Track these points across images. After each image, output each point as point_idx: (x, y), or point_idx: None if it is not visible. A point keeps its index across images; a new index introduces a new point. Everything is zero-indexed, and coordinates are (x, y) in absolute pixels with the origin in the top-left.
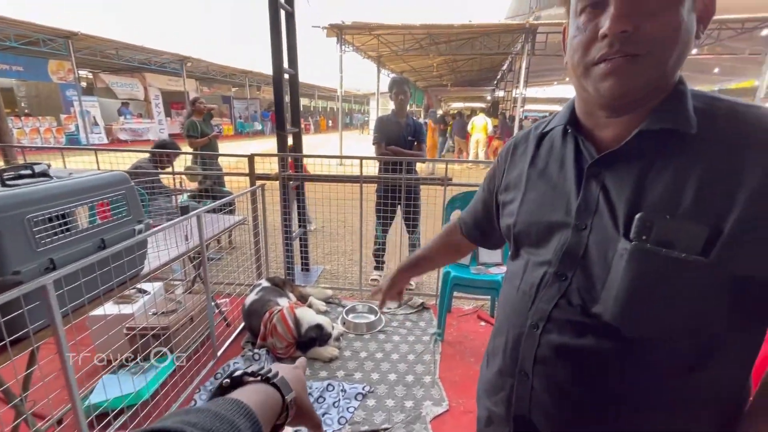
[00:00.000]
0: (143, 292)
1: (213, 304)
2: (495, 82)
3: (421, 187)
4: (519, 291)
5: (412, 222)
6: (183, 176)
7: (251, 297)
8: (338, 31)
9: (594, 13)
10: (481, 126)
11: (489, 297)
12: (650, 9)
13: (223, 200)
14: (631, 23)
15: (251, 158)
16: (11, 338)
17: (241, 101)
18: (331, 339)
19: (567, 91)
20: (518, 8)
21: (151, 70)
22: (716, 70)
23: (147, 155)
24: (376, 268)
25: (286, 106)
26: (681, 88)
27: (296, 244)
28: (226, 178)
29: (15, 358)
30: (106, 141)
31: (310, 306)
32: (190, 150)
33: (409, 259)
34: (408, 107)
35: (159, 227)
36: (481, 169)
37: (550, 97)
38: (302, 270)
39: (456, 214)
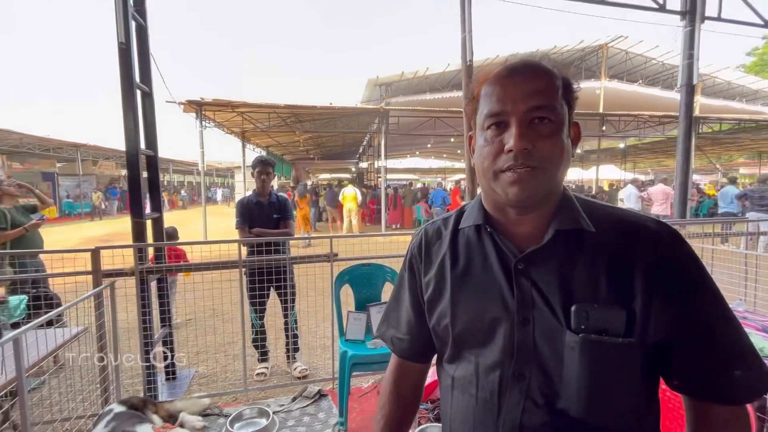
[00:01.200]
0: None
1: None
2: (358, 155)
3: (300, 264)
4: (478, 400)
5: (290, 303)
6: None
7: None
8: (197, 107)
9: (498, 130)
10: (351, 196)
11: None
12: (542, 134)
13: (57, 310)
14: (530, 143)
15: (96, 252)
16: None
17: (70, 178)
18: None
19: (418, 162)
20: (371, 95)
21: None
22: None
23: None
24: (261, 360)
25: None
26: (567, 194)
27: (158, 348)
28: (58, 279)
29: None
30: None
31: (182, 425)
32: None
33: None
34: (275, 181)
35: None
36: (360, 241)
37: (405, 167)
38: (168, 379)
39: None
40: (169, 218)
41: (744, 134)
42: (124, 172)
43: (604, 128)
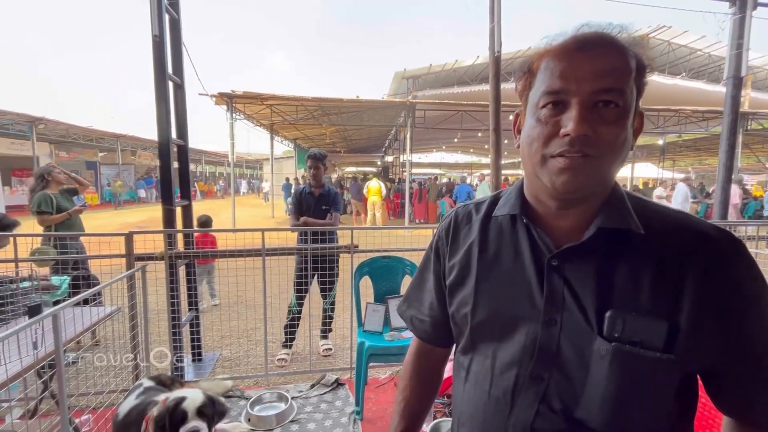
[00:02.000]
0: None
1: (71, 428)
2: (383, 149)
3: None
4: (491, 397)
5: (328, 287)
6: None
7: (128, 403)
8: (228, 99)
9: (555, 110)
10: (375, 189)
11: None
12: (605, 119)
13: (93, 290)
14: (591, 128)
15: (129, 237)
16: None
17: (111, 167)
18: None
19: (444, 156)
20: (398, 88)
21: None
22: None
23: None
24: (285, 345)
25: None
26: (619, 189)
27: (185, 330)
28: (94, 261)
29: None
30: None
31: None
32: (40, 229)
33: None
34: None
35: None
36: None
37: (431, 162)
38: (193, 360)
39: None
40: (204, 207)
41: None
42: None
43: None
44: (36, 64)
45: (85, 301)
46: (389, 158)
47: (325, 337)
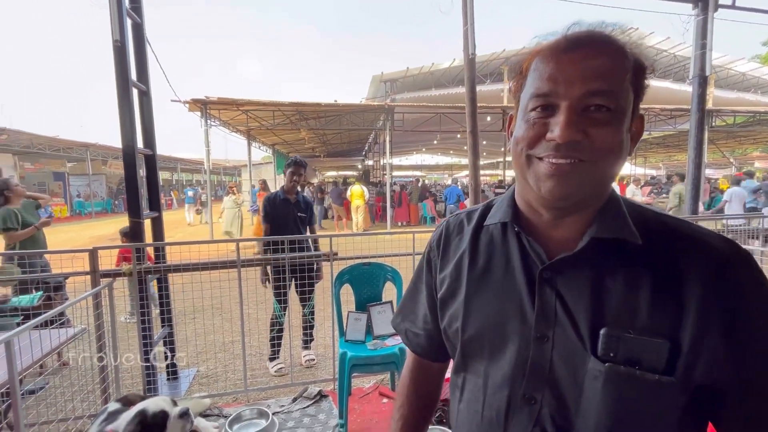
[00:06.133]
0: None
1: None
2: (363, 152)
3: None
4: (483, 418)
5: (307, 294)
6: None
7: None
8: (202, 106)
9: (544, 113)
10: (358, 193)
11: (389, 371)
12: (598, 121)
13: (54, 310)
14: (580, 132)
15: (93, 253)
16: None
17: (81, 177)
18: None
19: (424, 159)
20: (376, 92)
21: None
22: None
23: None
24: (272, 358)
25: (141, 188)
26: (615, 196)
27: (158, 347)
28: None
29: None
30: None
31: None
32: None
33: None
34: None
35: None
36: (362, 240)
37: (411, 164)
38: (168, 379)
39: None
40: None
41: (759, 127)
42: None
43: None
44: None
45: (51, 322)
46: (370, 162)
47: (307, 348)
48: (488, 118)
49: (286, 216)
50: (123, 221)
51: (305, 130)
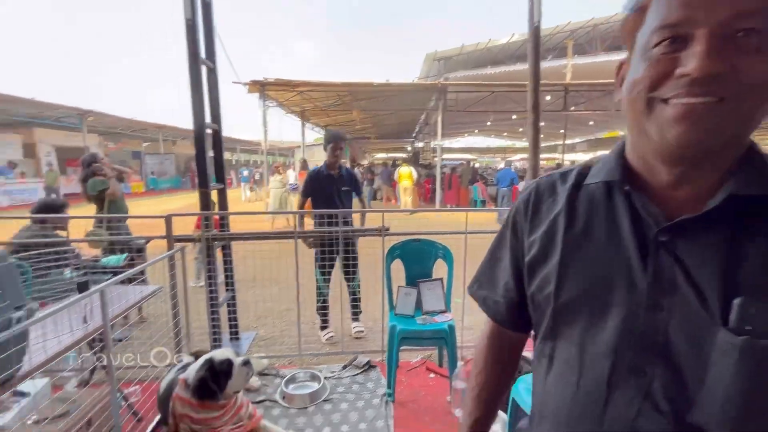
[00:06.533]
0: (20, 394)
1: (119, 396)
2: (414, 134)
3: (359, 238)
4: (580, 389)
5: (351, 270)
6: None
7: (169, 378)
8: (260, 87)
9: (672, 47)
10: (407, 174)
11: (436, 347)
12: (749, 48)
13: (136, 269)
14: (728, 63)
15: (168, 219)
16: None
17: (154, 156)
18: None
19: (476, 141)
20: (428, 71)
21: (44, 124)
22: (591, 122)
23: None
24: (323, 327)
25: (209, 161)
26: (757, 148)
27: (223, 310)
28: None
29: None
30: None
31: None
32: (92, 212)
33: (476, 415)
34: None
35: (45, 313)
36: (411, 216)
37: (462, 147)
38: (231, 339)
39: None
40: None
41: None
42: None
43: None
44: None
45: (133, 280)
46: (420, 144)
47: (356, 320)
48: (548, 97)
49: (330, 191)
50: (191, 197)
51: (357, 111)
